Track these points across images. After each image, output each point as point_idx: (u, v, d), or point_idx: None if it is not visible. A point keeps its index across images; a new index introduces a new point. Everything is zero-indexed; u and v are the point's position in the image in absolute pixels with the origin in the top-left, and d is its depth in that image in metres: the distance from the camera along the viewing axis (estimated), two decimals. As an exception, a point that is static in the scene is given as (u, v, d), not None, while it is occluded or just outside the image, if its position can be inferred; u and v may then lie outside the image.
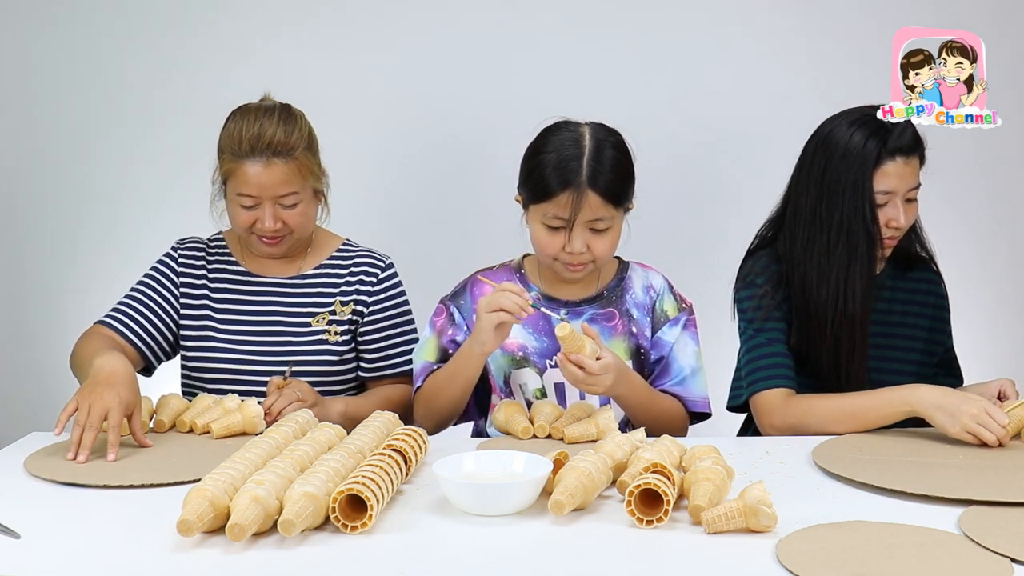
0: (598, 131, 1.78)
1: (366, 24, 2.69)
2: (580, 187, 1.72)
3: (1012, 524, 1.27)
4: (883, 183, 1.79)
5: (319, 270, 2.00)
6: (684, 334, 1.88)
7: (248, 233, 1.92)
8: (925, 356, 1.95)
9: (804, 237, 1.85)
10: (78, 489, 1.47)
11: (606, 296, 1.87)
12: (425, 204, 2.74)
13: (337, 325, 1.97)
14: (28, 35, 2.71)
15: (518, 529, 1.31)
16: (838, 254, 1.81)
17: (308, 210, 1.94)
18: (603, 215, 1.75)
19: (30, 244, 2.81)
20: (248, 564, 1.21)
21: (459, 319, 1.88)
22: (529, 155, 1.81)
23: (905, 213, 1.81)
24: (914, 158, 1.80)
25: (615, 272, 1.91)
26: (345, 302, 1.98)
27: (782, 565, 1.17)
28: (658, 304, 1.88)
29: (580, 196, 1.72)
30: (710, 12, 2.69)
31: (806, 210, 1.85)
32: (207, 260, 2.02)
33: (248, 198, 1.87)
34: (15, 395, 2.81)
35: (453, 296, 1.92)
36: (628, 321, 1.86)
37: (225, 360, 1.94)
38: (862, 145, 1.78)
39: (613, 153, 1.76)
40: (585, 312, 1.85)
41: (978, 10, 2.58)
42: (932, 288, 1.98)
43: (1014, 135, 2.34)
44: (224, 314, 1.97)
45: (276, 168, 1.85)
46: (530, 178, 1.78)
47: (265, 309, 1.97)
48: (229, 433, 1.72)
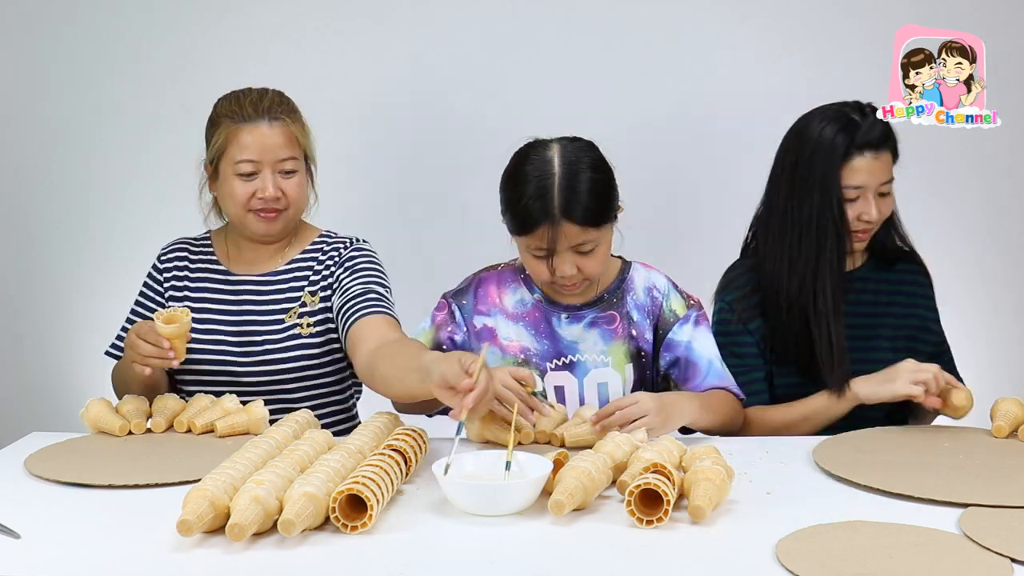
0: (568, 152, 1.73)
1: (366, 24, 2.68)
2: (555, 220, 1.69)
3: (1012, 524, 1.27)
4: (852, 178, 1.80)
5: (291, 264, 1.99)
6: (698, 329, 1.84)
7: (245, 212, 1.91)
8: (914, 349, 1.95)
9: (776, 231, 1.87)
10: (78, 489, 1.47)
11: (607, 299, 1.86)
12: (425, 203, 2.73)
13: (309, 316, 1.94)
14: (33, 37, 2.71)
15: (518, 529, 1.31)
16: (806, 248, 1.83)
17: (304, 185, 1.94)
18: (584, 239, 1.72)
19: (31, 244, 2.80)
20: (248, 564, 1.21)
21: (459, 318, 1.87)
22: (503, 184, 1.77)
23: (877, 207, 1.82)
24: (884, 152, 1.81)
25: (616, 273, 1.89)
26: (314, 292, 1.96)
27: (782, 565, 1.17)
28: (665, 305, 1.86)
29: (556, 228, 1.69)
30: (711, 12, 2.68)
31: (779, 204, 1.87)
32: (190, 260, 2.02)
33: (248, 163, 1.87)
34: (15, 395, 2.81)
35: (456, 294, 1.90)
36: (628, 324, 1.85)
37: (202, 361, 1.92)
38: (831, 139, 1.80)
39: (586, 175, 1.71)
40: (586, 316, 1.85)
41: (978, 10, 2.58)
42: (917, 279, 1.98)
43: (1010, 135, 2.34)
44: (202, 313, 1.96)
45: (278, 129, 1.88)
46: (508, 211, 1.76)
47: (241, 308, 1.96)
48: (233, 432, 1.72)
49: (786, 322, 1.86)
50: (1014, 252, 2.75)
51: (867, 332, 1.91)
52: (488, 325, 1.86)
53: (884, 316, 1.94)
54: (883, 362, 1.84)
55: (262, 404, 1.77)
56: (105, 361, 2.00)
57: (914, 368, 1.74)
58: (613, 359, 1.83)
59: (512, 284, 1.88)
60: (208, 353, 1.92)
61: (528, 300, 1.86)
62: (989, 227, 2.73)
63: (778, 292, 1.86)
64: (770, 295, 1.88)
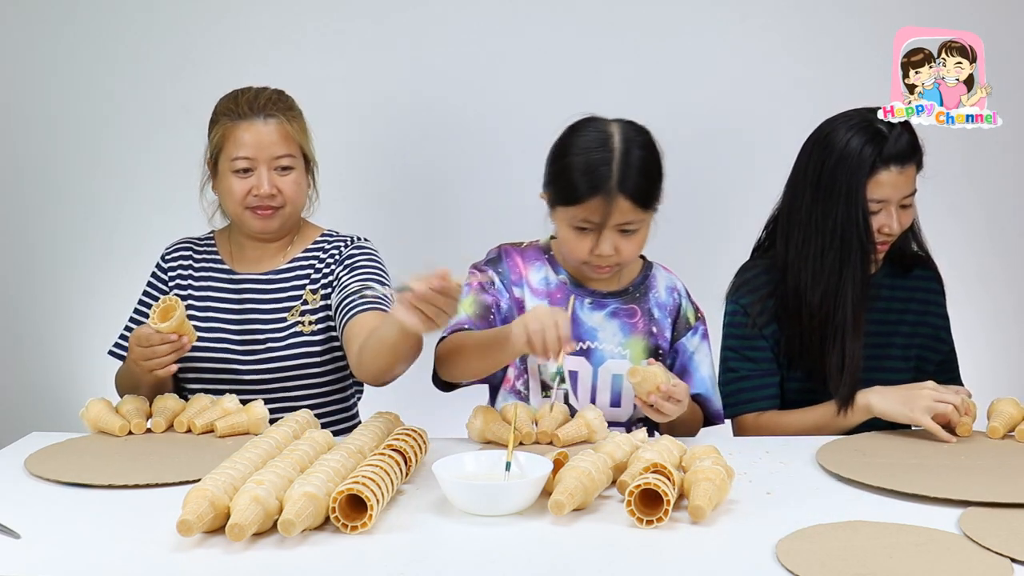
0: (627, 130, 1.74)
1: (366, 24, 2.69)
2: (610, 192, 1.68)
3: (1012, 524, 1.27)
4: (877, 192, 1.78)
5: (294, 263, 1.99)
6: (703, 344, 1.87)
7: (243, 209, 1.92)
8: (924, 357, 1.95)
9: (798, 240, 1.85)
10: (78, 489, 1.47)
11: (631, 292, 1.86)
12: (425, 203, 2.73)
13: (310, 315, 1.95)
14: (33, 37, 2.71)
15: (518, 529, 1.31)
16: (831, 259, 1.81)
17: (302, 183, 1.95)
18: (633, 219, 1.71)
19: (32, 244, 2.81)
20: (248, 564, 1.21)
21: (499, 285, 1.83)
22: (555, 156, 1.76)
23: (899, 219, 1.81)
24: (910, 166, 1.79)
25: (640, 270, 1.89)
26: (315, 290, 1.96)
27: (782, 565, 1.17)
28: (683, 308, 1.87)
29: (610, 201, 1.68)
30: (711, 12, 2.68)
31: (801, 212, 1.84)
32: (193, 259, 2.03)
33: (244, 160, 1.89)
34: (15, 395, 2.81)
35: (489, 262, 1.86)
36: (649, 320, 1.85)
37: (205, 359, 1.93)
38: (858, 151, 1.77)
39: (643, 154, 1.72)
40: (609, 305, 1.84)
41: (978, 10, 2.58)
42: (931, 287, 1.97)
43: (1010, 135, 2.34)
44: (205, 312, 1.97)
45: (273, 126, 1.90)
46: (557, 181, 1.74)
47: (243, 307, 1.97)
48: (234, 432, 1.72)
49: (804, 332, 1.85)
50: (1013, 252, 2.75)
51: (880, 340, 1.90)
52: (517, 296, 1.83)
53: (897, 324, 1.93)
54: (893, 371, 1.84)
55: (262, 404, 1.77)
56: (106, 361, 2.00)
57: (935, 396, 1.68)
58: (632, 353, 1.82)
59: (537, 262, 1.86)
60: (211, 352, 1.93)
61: (553, 280, 1.85)
62: (988, 227, 2.74)
63: (799, 302, 1.84)
64: (791, 304, 1.86)
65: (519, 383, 1.83)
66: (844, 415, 1.78)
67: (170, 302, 1.75)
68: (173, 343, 1.74)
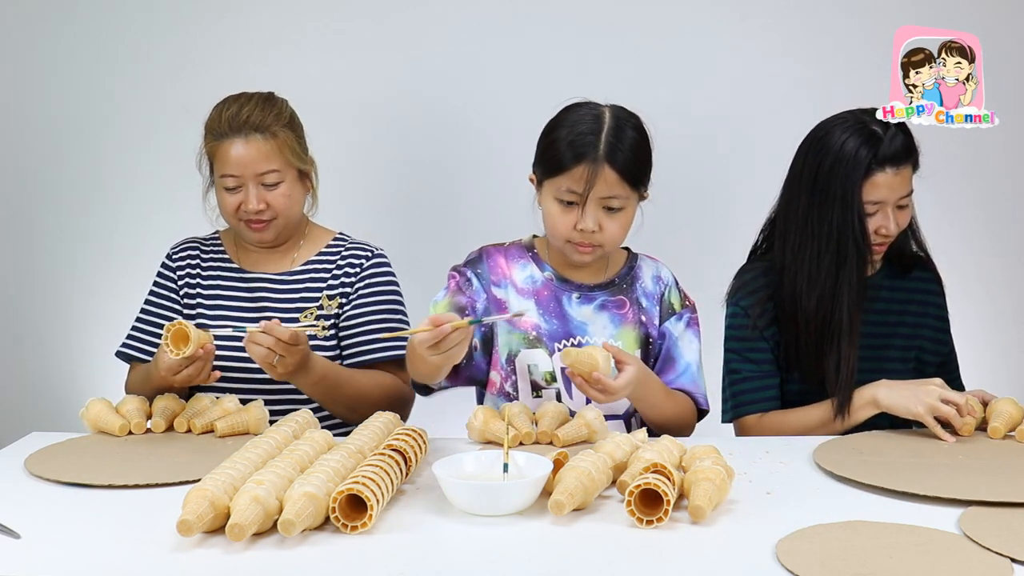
0: (619, 112, 1.76)
1: (366, 24, 2.68)
2: (596, 160, 1.70)
3: (1012, 524, 1.27)
4: (873, 193, 1.77)
5: (308, 265, 2.00)
6: (688, 331, 1.87)
7: (236, 220, 1.93)
8: (923, 359, 1.95)
9: (795, 243, 1.85)
10: (78, 489, 1.47)
11: (617, 283, 1.87)
12: (424, 203, 2.73)
13: (324, 320, 1.96)
14: (33, 37, 2.71)
15: (518, 529, 1.31)
16: (827, 263, 1.81)
17: (293, 193, 1.94)
18: (618, 193, 1.72)
19: (32, 244, 2.81)
20: (248, 564, 1.21)
21: (477, 285, 1.84)
22: (546, 131, 1.79)
23: (896, 220, 1.81)
24: (906, 167, 1.79)
25: (625, 261, 1.90)
26: (332, 296, 1.97)
27: (782, 565, 1.17)
28: (667, 295, 1.88)
29: (596, 169, 1.70)
30: (711, 12, 2.68)
31: (798, 215, 1.84)
32: (201, 258, 2.03)
33: (231, 178, 1.89)
34: (15, 395, 2.81)
35: (468, 263, 1.87)
36: (638, 310, 1.86)
37: (217, 356, 1.92)
38: (853, 153, 1.76)
39: (632, 133, 1.74)
40: (597, 298, 1.85)
41: (978, 10, 2.58)
42: (930, 288, 1.97)
43: (1009, 135, 2.34)
44: (215, 310, 1.97)
45: (255, 144, 1.88)
46: (546, 153, 1.76)
47: (255, 306, 1.97)
48: (234, 432, 1.72)
49: (801, 335, 1.85)
50: (1012, 253, 2.75)
51: (879, 342, 1.90)
52: (498, 297, 1.84)
53: (896, 326, 1.93)
54: (893, 372, 1.84)
55: (262, 404, 1.77)
56: (106, 361, 2.00)
57: (941, 396, 1.69)
58: (623, 344, 1.83)
59: (521, 260, 1.87)
60: (223, 349, 1.92)
61: (539, 278, 1.85)
62: (988, 227, 2.74)
63: (796, 305, 1.84)
64: (788, 307, 1.86)
65: (507, 385, 1.84)
66: (841, 419, 1.78)
67: (179, 326, 1.73)
68: (202, 358, 1.76)
